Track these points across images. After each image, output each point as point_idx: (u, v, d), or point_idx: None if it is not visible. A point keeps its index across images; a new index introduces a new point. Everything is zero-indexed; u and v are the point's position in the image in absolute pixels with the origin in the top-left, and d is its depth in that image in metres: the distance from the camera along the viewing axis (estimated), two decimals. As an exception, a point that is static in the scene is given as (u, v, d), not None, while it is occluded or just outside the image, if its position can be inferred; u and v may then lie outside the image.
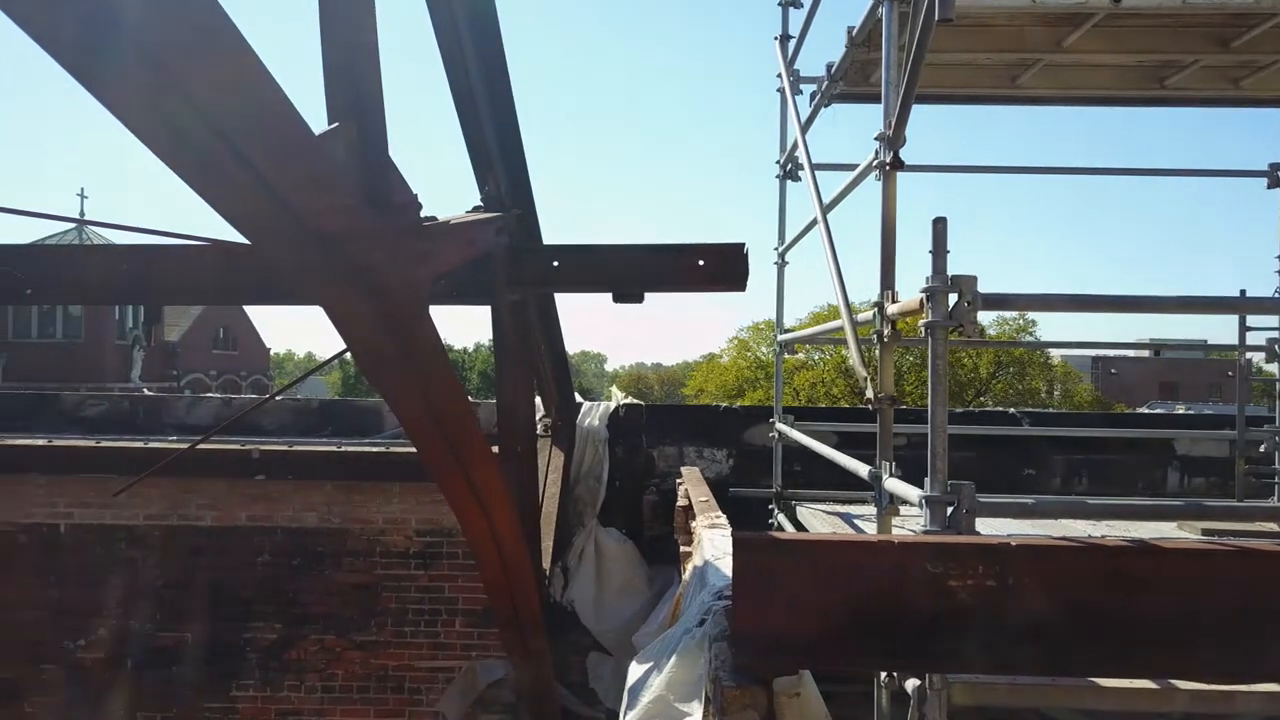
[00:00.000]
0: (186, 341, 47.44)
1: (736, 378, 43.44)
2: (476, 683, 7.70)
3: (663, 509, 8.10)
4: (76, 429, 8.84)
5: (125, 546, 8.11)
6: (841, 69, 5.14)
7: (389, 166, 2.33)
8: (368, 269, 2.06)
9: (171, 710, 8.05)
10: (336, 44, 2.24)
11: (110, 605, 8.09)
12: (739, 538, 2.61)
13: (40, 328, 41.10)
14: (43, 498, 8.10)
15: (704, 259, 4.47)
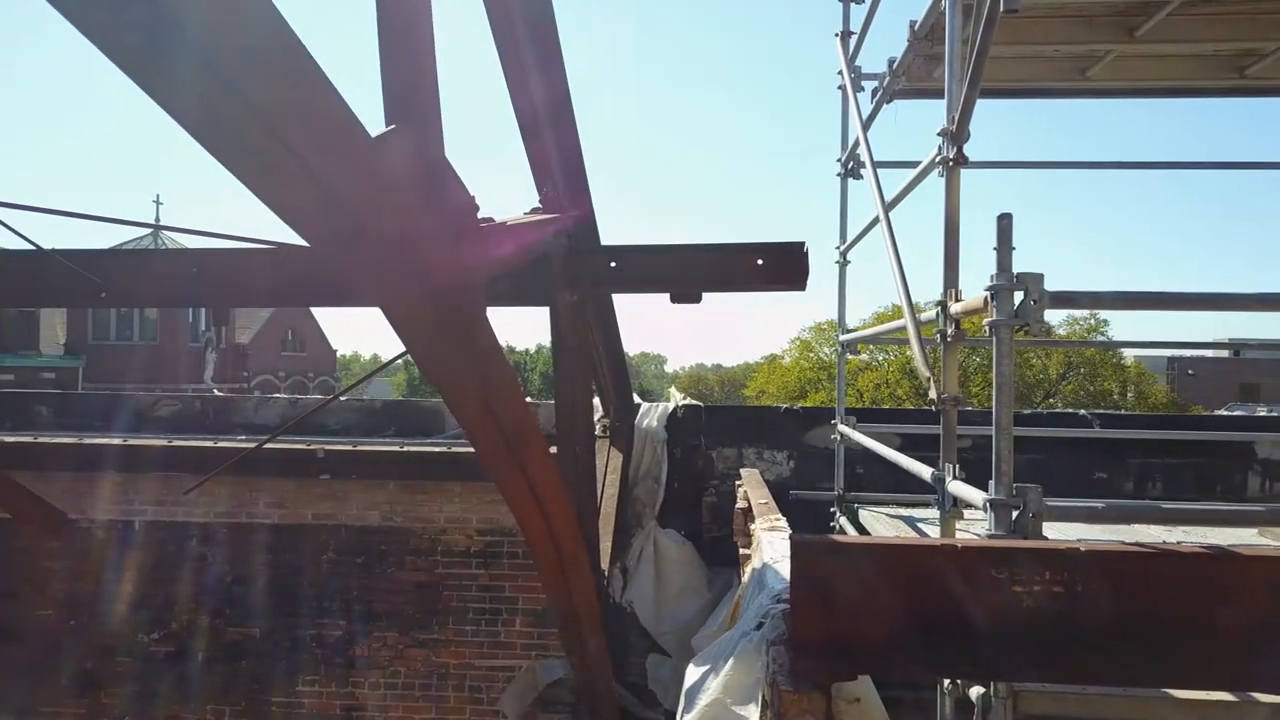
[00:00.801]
0: (256, 344, 48.62)
1: (799, 379, 43.10)
2: (536, 682, 7.75)
3: (722, 511, 8.06)
4: (151, 428, 9.11)
5: (196, 543, 8.33)
6: (903, 64, 5.06)
7: (446, 168, 2.34)
8: (425, 270, 2.07)
9: (240, 703, 8.24)
10: (394, 46, 2.25)
11: (182, 600, 8.32)
12: (797, 540, 2.57)
13: (118, 331, 42.53)
14: (119, 495, 8.36)
15: (763, 258, 4.42)
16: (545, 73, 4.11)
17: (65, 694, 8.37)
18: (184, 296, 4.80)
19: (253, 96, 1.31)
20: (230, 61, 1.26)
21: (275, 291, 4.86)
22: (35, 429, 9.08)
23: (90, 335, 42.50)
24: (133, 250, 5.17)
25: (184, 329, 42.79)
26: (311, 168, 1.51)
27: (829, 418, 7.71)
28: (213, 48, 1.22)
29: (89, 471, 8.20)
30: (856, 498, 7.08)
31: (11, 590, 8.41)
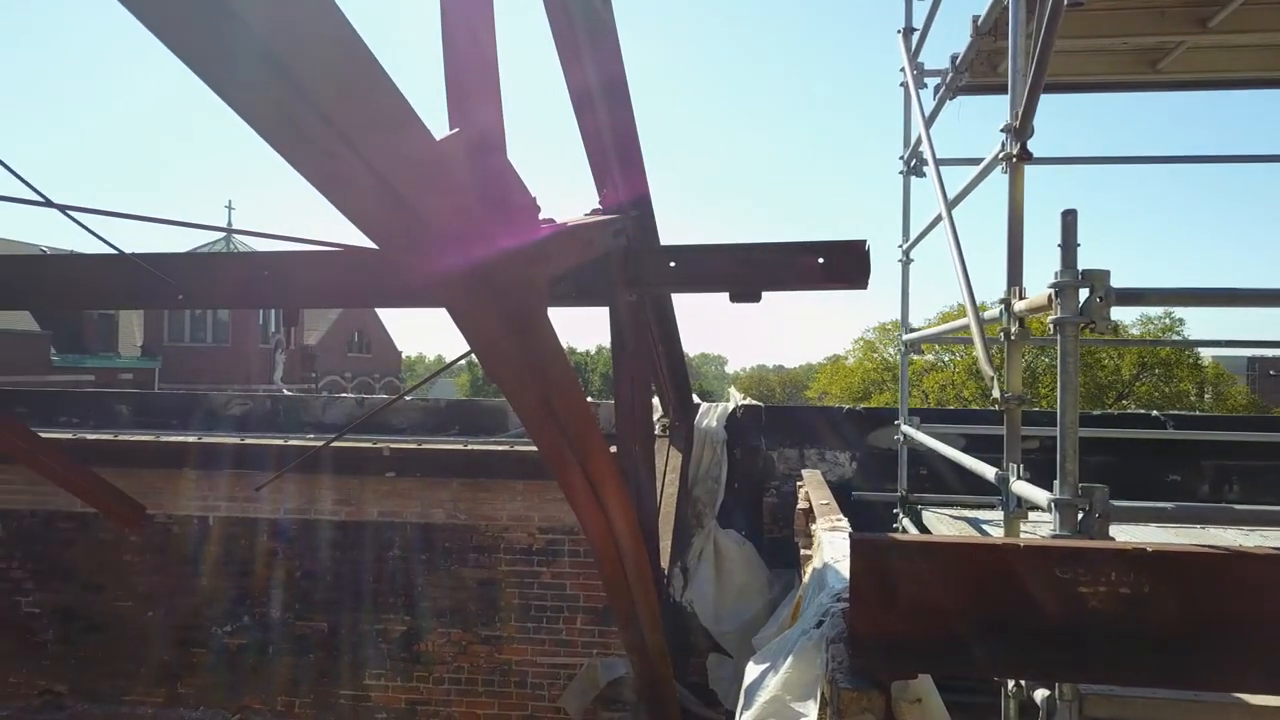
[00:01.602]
0: (324, 345, 49.63)
1: (862, 380, 42.63)
2: (598, 680, 7.80)
3: (783, 511, 8.03)
4: (224, 427, 9.37)
5: (267, 539, 8.55)
6: (966, 60, 5.00)
7: (508, 169, 2.39)
8: (488, 271, 2.12)
9: (309, 696, 8.44)
10: (456, 50, 2.31)
11: (253, 594, 8.55)
12: (856, 539, 2.56)
13: (192, 332, 43.85)
14: (194, 491, 8.62)
15: (824, 257, 4.40)
16: (603, 73, 4.15)
17: (144, 683, 8.66)
18: (256, 299, 4.93)
19: (325, 106, 1.36)
20: (304, 72, 1.31)
21: (343, 293, 4.97)
22: (116, 427, 9.40)
23: (166, 337, 43.93)
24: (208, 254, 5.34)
25: (254, 331, 43.96)
26: (380, 173, 1.56)
27: (892, 418, 7.63)
28: (287, 58, 1.27)
29: (166, 468, 8.47)
30: (920, 499, 7.00)
31: (95, 583, 8.73)
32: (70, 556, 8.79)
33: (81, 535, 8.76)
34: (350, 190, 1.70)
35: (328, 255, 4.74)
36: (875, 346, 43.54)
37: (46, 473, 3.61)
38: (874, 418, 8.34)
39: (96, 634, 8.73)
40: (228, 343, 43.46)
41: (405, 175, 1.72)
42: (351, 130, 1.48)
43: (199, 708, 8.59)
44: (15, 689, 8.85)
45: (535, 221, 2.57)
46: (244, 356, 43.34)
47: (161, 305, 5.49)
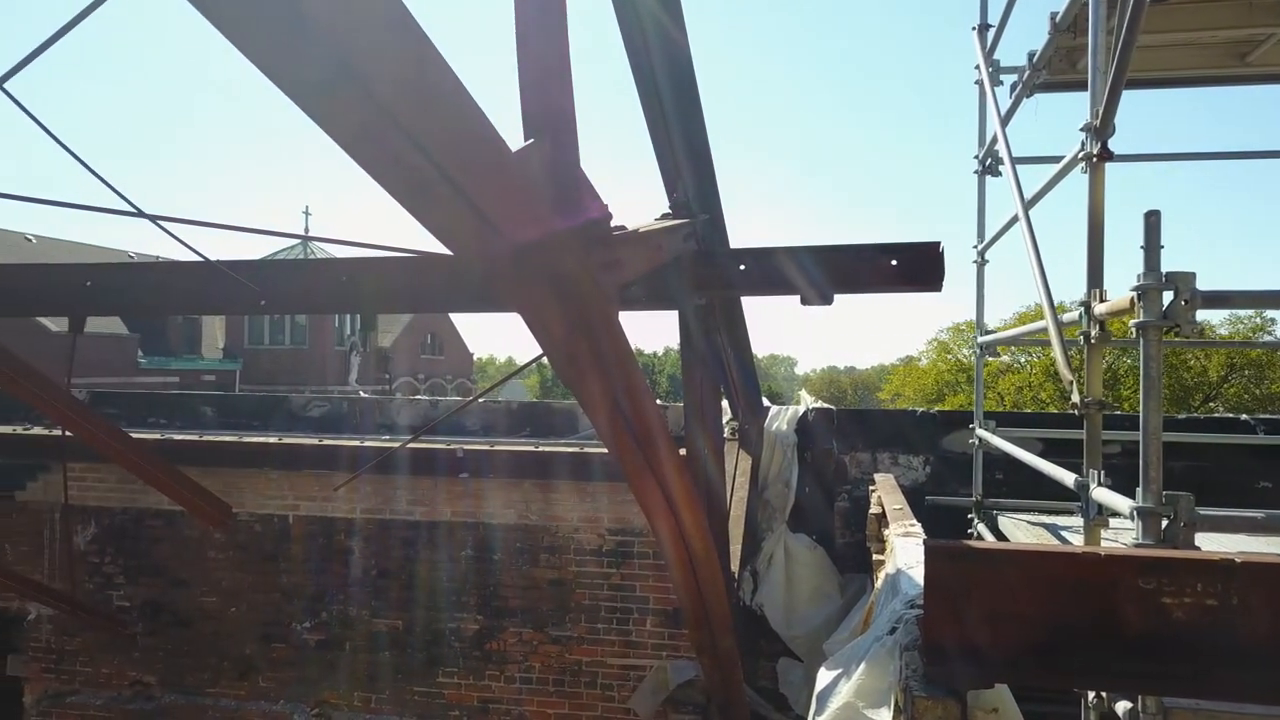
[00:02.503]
0: (397, 347, 50.57)
1: (936, 381, 41.94)
2: (667, 682, 7.81)
3: (855, 516, 7.95)
4: (303, 428, 9.62)
5: (344, 537, 8.75)
6: (1044, 57, 4.90)
7: (580, 178, 2.42)
8: (562, 277, 2.15)
9: (384, 692, 8.61)
10: (531, 62, 2.35)
11: (331, 591, 8.76)
12: (931, 545, 2.54)
13: (271, 335, 45.15)
14: (274, 490, 8.86)
15: (897, 259, 4.35)
16: (672, 76, 4.17)
17: (227, 676, 8.94)
18: (335, 304, 5.06)
19: (410, 125, 1.41)
20: (390, 93, 1.35)
21: (418, 298, 5.08)
22: (201, 427, 9.72)
23: (246, 340, 45.31)
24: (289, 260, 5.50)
25: (331, 333, 45.06)
26: (461, 187, 1.61)
27: (967, 421, 7.51)
28: (375, 81, 1.32)
29: (248, 468, 8.73)
30: (995, 504, 6.87)
31: (181, 578, 9.04)
32: (158, 553, 9.12)
33: (169, 532, 9.08)
34: (430, 201, 1.75)
35: (404, 261, 4.85)
36: (949, 347, 42.79)
37: (140, 472, 3.77)
38: (948, 421, 8.21)
39: (183, 628, 9.03)
40: (305, 345, 44.64)
41: (483, 187, 1.76)
42: (433, 145, 1.52)
43: (279, 701, 8.82)
44: (107, 679, 9.20)
45: (608, 229, 2.60)
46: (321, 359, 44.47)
47: (245, 311, 5.67)
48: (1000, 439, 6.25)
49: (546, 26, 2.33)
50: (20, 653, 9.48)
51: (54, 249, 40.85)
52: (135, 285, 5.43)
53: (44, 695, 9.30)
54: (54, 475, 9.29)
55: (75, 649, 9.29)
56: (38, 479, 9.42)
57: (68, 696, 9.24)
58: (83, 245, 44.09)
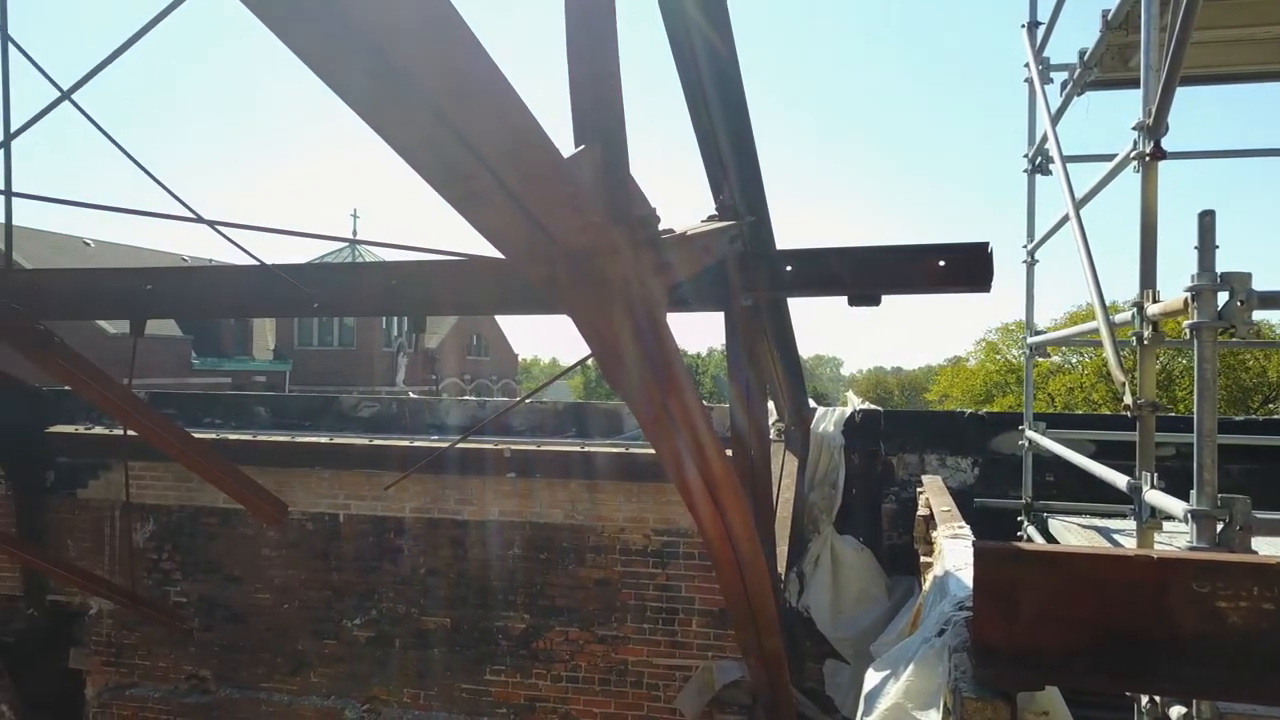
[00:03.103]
0: (443, 348, 51.07)
1: (984, 382, 41.42)
2: (713, 682, 7.82)
3: (902, 518, 7.90)
4: (353, 428, 9.78)
5: (393, 536, 8.88)
6: (1095, 55, 4.84)
7: (630, 183, 2.46)
8: (612, 281, 2.19)
9: (433, 688, 8.72)
10: (581, 69, 2.39)
11: (381, 589, 8.89)
12: (981, 547, 2.53)
13: (320, 337, 45.91)
14: (326, 489, 9.02)
15: (945, 259, 4.33)
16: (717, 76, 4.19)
17: (280, 671, 9.11)
18: (385, 306, 5.14)
19: (468, 134, 1.45)
20: (450, 104, 1.40)
21: (467, 300, 5.14)
22: (255, 427, 9.92)
23: (296, 341, 46.09)
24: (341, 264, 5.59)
25: (379, 335, 45.68)
26: (517, 194, 1.65)
27: (1016, 423, 7.43)
28: (436, 92, 1.36)
29: (300, 467, 8.90)
30: (1046, 506, 6.79)
31: (235, 575, 9.24)
32: (214, 549, 9.32)
33: (224, 530, 9.28)
34: (485, 209, 1.79)
35: (453, 264, 4.92)
36: (998, 348, 42.23)
37: (201, 471, 3.87)
38: (997, 422, 8.13)
39: (237, 623, 9.23)
40: (353, 346, 45.32)
41: (537, 194, 1.80)
42: (490, 154, 1.56)
43: (330, 696, 8.98)
44: (165, 673, 9.43)
45: (656, 232, 2.63)
46: (369, 360, 45.10)
47: (298, 313, 5.79)
48: (1050, 441, 6.19)
49: (596, 32, 2.37)
50: (82, 646, 9.75)
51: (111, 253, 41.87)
52: (193, 289, 5.57)
53: (105, 688, 9.56)
54: (114, 474, 9.55)
55: (134, 643, 9.53)
56: (99, 477, 9.68)
57: (127, 689, 9.49)
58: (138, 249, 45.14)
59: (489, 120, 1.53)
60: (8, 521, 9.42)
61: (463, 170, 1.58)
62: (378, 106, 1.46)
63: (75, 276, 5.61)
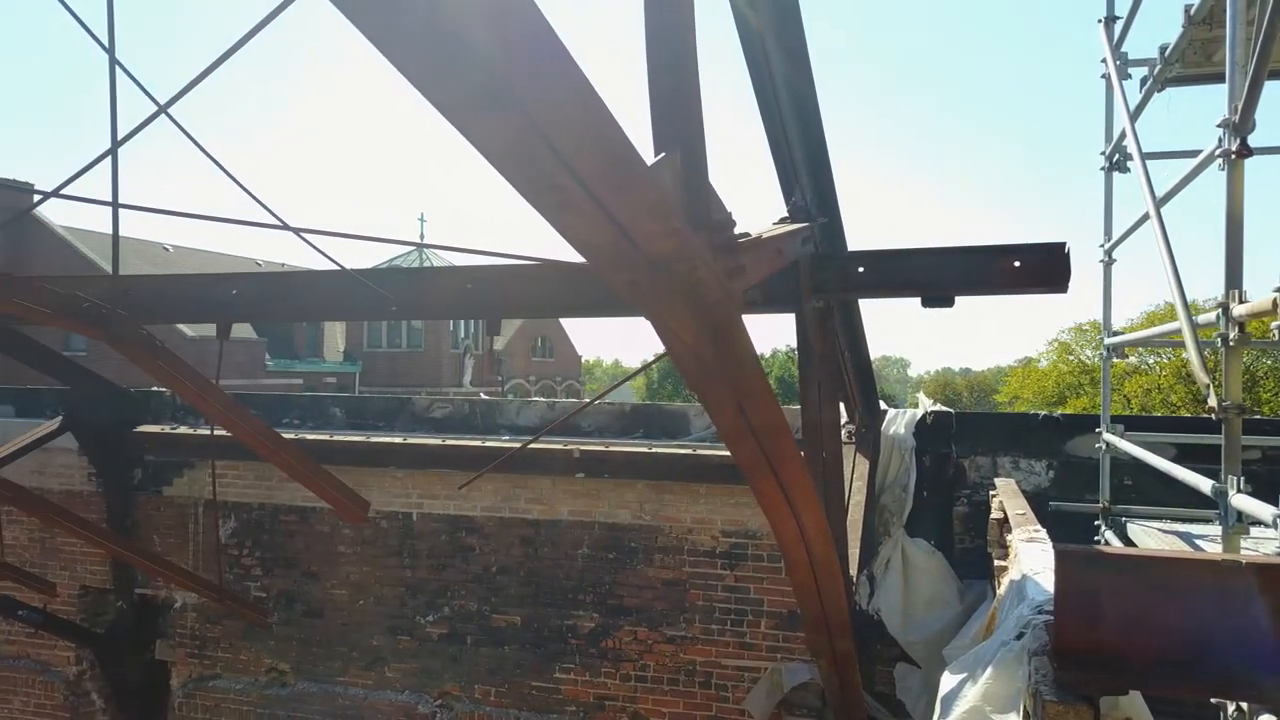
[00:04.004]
0: (509, 350, 51.67)
1: (1057, 383, 40.49)
2: (782, 684, 7.82)
3: (974, 521, 7.80)
4: (426, 428, 9.97)
5: (465, 535, 9.03)
6: (1177, 50, 4.74)
7: (708, 188, 2.50)
8: (692, 286, 2.23)
9: (504, 685, 8.85)
10: (661, 77, 2.44)
11: (453, 586, 9.05)
12: (1063, 550, 2.52)
13: (389, 339, 46.81)
14: (399, 488, 9.22)
15: (1020, 260, 4.29)
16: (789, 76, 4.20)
17: (355, 665, 9.34)
18: (461, 309, 5.25)
19: (560, 145, 1.51)
20: (544, 115, 1.45)
21: (543, 304, 5.24)
22: (331, 428, 10.18)
23: (365, 343, 47.05)
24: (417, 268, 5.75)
25: (446, 337, 46.41)
26: (604, 203, 1.70)
27: (1092, 425, 7.28)
28: (531, 104, 1.42)
29: (375, 466, 9.11)
30: (1124, 511, 6.65)
31: (313, 571, 9.49)
32: (292, 546, 9.59)
33: (302, 527, 9.54)
34: (572, 216, 1.85)
35: (527, 269, 5.02)
36: (1071, 348, 41.25)
37: (290, 470, 4.01)
38: (1073, 424, 7.97)
39: (315, 618, 9.48)
40: (421, 348, 46.10)
41: (621, 201, 1.85)
42: (580, 164, 1.62)
43: (404, 691, 9.17)
44: (245, 665, 9.73)
45: (733, 236, 2.66)
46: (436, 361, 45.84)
47: (376, 316, 5.95)
48: (1129, 443, 6.06)
49: (676, 41, 2.41)
50: (168, 638, 10.11)
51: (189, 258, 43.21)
52: (276, 294, 5.77)
53: (189, 679, 9.90)
54: (197, 472, 9.88)
55: (217, 636, 9.85)
56: (183, 475, 10.03)
57: (210, 680, 9.81)
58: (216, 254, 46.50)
59: (580, 132, 1.58)
60: (98, 517, 9.80)
61: (553, 180, 1.64)
62: (476, 121, 1.52)
63: (166, 282, 5.84)
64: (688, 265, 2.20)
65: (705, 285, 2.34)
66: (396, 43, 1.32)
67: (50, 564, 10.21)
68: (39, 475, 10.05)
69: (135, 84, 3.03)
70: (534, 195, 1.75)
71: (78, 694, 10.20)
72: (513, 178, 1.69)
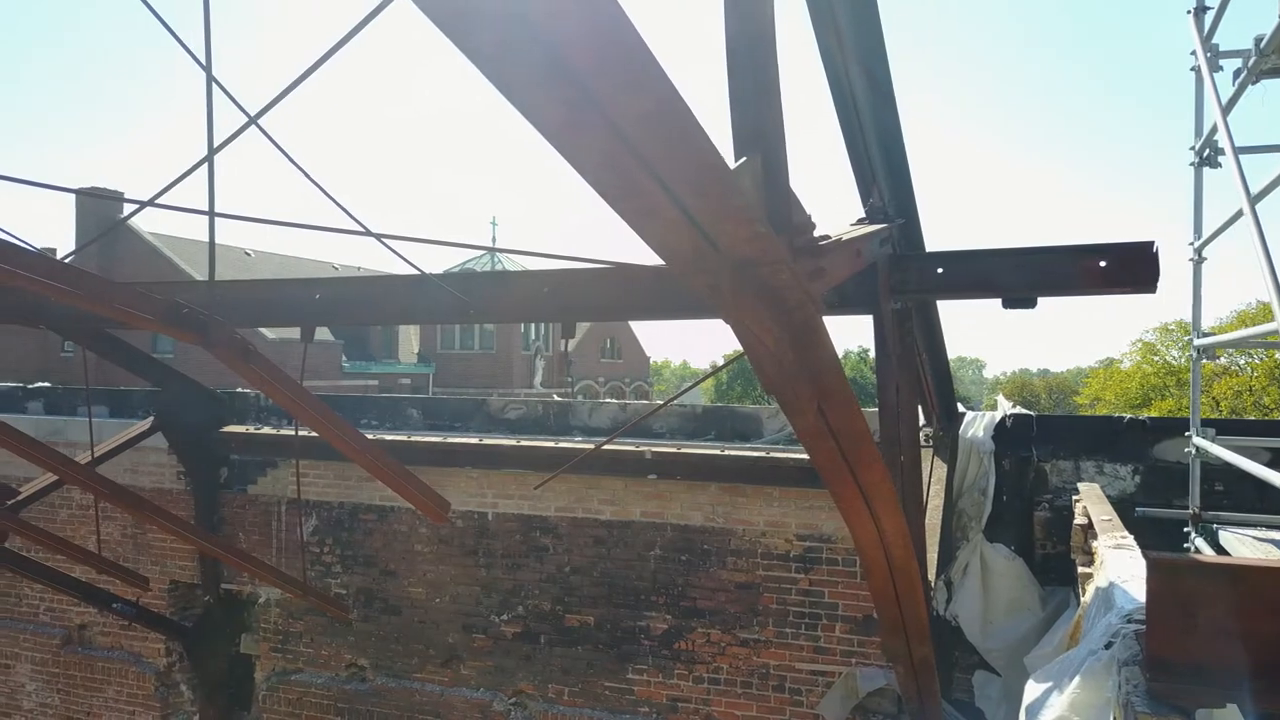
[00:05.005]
0: (578, 351, 52.04)
1: (1140, 385, 39.30)
2: (857, 689, 7.74)
3: (1056, 526, 7.62)
4: (500, 429, 10.10)
5: (539, 534, 9.12)
6: (1274, 41, 4.57)
7: (789, 191, 2.50)
8: (774, 289, 2.23)
9: (577, 685, 8.91)
10: (741, 80, 2.45)
11: (527, 586, 9.15)
12: (1155, 559, 2.46)
13: (462, 340, 47.53)
14: (474, 488, 9.35)
15: (1106, 260, 4.19)
16: (867, 78, 4.17)
17: (432, 662, 9.50)
18: (537, 313, 5.33)
19: (648, 154, 1.53)
20: (633, 127, 1.48)
21: (618, 307, 5.27)
22: (408, 428, 10.38)
23: (439, 345, 47.82)
24: (495, 272, 5.83)
25: (518, 339, 46.95)
26: (688, 209, 1.72)
27: (1180, 429, 7.06)
28: (621, 116, 1.44)
29: (452, 466, 9.25)
30: (1215, 517, 6.43)
31: (390, 569, 9.68)
32: (371, 544, 9.80)
33: (380, 526, 9.74)
34: (656, 222, 1.87)
35: (601, 272, 5.06)
36: (1155, 348, 40.00)
37: (374, 470, 4.11)
38: (1160, 428, 7.73)
39: (392, 615, 9.67)
40: (493, 350, 46.69)
41: (705, 207, 1.86)
42: (666, 173, 1.64)
43: (479, 689, 9.30)
44: (326, 660, 9.97)
45: (813, 239, 2.66)
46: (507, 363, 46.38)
47: (454, 320, 6.05)
48: (1221, 448, 5.86)
49: (757, 46, 2.42)
50: (252, 632, 10.42)
51: (269, 262, 44.43)
52: (358, 297, 5.91)
53: (272, 672, 10.18)
54: (280, 471, 10.17)
55: (299, 631, 10.11)
56: (266, 474, 10.32)
57: (292, 674, 10.07)
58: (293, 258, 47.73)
59: (667, 141, 1.60)
60: (187, 515, 10.15)
61: (642, 190, 1.67)
62: (568, 132, 1.55)
63: (255, 287, 6.03)
64: (770, 269, 2.21)
65: (787, 288, 2.34)
66: (492, 58, 1.35)
67: (142, 559, 10.60)
68: (132, 473, 10.45)
69: (228, 97, 3.13)
70: (618, 201, 1.78)
71: (168, 685, 10.57)
72: (597, 184, 1.72)
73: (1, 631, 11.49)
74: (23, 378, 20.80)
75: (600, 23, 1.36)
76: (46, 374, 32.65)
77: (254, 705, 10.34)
